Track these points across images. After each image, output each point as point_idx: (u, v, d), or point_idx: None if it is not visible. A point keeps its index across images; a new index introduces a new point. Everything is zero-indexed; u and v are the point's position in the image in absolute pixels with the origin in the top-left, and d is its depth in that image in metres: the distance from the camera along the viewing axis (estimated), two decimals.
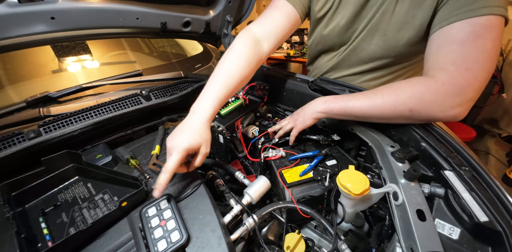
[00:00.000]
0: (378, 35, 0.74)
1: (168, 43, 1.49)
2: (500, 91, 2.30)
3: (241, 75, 0.63)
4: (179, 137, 0.52)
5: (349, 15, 0.75)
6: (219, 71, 0.62)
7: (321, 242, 0.65)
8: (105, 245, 0.45)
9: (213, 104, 0.57)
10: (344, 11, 0.76)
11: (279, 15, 0.73)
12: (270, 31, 0.72)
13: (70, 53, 1.02)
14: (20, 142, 0.58)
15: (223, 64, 0.64)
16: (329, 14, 0.79)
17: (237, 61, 0.64)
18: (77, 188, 0.57)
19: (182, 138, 0.51)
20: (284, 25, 0.73)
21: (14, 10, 0.59)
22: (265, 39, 0.71)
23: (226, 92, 0.59)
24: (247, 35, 0.69)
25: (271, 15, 0.74)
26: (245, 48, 0.66)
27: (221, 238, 0.46)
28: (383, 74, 0.84)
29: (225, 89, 0.59)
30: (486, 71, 0.52)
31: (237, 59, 0.64)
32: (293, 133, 0.74)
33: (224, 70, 0.63)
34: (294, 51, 2.93)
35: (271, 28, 0.72)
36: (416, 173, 0.49)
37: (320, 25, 0.84)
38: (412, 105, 0.55)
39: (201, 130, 0.54)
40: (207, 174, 0.67)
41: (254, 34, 0.70)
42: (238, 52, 0.66)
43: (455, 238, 0.43)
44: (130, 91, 0.84)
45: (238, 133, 0.82)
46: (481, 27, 0.51)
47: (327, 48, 0.90)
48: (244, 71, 0.64)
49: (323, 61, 0.95)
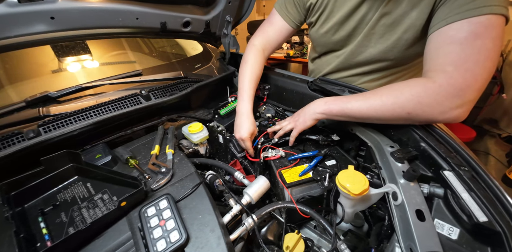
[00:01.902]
0: (376, 37, 0.74)
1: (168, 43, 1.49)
2: (500, 92, 2.31)
3: (257, 76, 0.89)
4: (242, 130, 0.76)
5: (342, 17, 0.75)
6: (245, 77, 0.86)
7: (321, 242, 0.65)
8: (104, 245, 0.45)
9: (249, 102, 0.83)
10: (337, 13, 0.76)
11: (274, 30, 0.91)
12: (269, 43, 0.93)
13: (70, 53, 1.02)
14: (20, 141, 0.58)
15: (246, 71, 0.87)
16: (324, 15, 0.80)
17: (254, 68, 0.88)
18: (76, 188, 0.57)
19: (245, 129, 0.76)
20: (279, 37, 0.92)
21: (14, 10, 0.59)
22: (266, 49, 0.93)
23: (253, 91, 0.85)
24: (253, 48, 0.91)
25: (268, 30, 0.92)
26: (255, 58, 0.89)
27: (220, 238, 0.46)
28: (383, 75, 0.84)
29: (252, 89, 0.85)
30: (486, 71, 0.51)
31: (253, 66, 0.88)
32: (293, 134, 0.74)
33: (247, 76, 0.86)
34: (294, 51, 2.93)
35: (270, 41, 0.93)
36: (416, 173, 0.49)
37: (315, 26, 0.86)
38: (410, 108, 0.55)
39: (250, 121, 0.79)
40: (207, 174, 0.67)
41: (257, 47, 0.92)
42: (252, 61, 0.89)
43: (454, 238, 0.43)
44: (129, 91, 0.84)
45: None
46: (481, 27, 0.50)
47: (326, 50, 0.91)
48: (259, 73, 0.90)
49: (323, 61, 0.95)
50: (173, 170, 0.61)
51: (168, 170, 0.61)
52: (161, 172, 0.60)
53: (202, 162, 0.75)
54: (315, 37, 0.88)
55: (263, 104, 1.02)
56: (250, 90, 0.84)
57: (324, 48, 0.90)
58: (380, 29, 0.72)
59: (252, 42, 0.94)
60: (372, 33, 0.74)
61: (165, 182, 0.58)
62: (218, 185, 0.62)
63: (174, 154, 0.67)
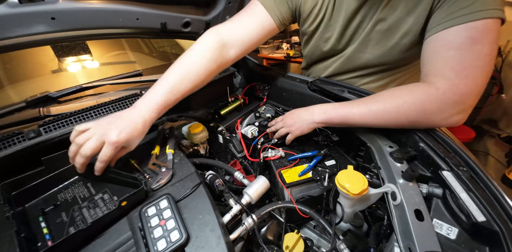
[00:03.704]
0: (372, 44, 0.73)
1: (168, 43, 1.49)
2: (499, 92, 2.31)
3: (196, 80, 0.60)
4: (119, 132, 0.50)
5: (341, 26, 0.74)
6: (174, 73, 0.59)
7: (320, 242, 0.66)
8: (104, 245, 0.45)
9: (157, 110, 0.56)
10: (336, 23, 0.75)
11: (253, 22, 0.68)
12: (240, 38, 0.67)
13: (70, 53, 1.02)
14: (20, 141, 0.58)
15: (180, 65, 0.60)
16: (322, 26, 0.78)
17: (196, 66, 0.60)
18: (77, 187, 0.57)
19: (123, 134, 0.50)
20: (256, 34, 0.69)
21: (15, 10, 0.60)
22: (232, 45, 0.67)
23: (174, 97, 0.58)
24: (213, 37, 0.65)
25: (244, 21, 0.69)
26: (207, 52, 0.63)
27: (220, 237, 0.46)
28: (382, 77, 0.84)
29: (174, 95, 0.57)
30: (485, 76, 0.51)
31: (197, 63, 0.61)
32: (289, 138, 0.75)
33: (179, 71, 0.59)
34: (294, 51, 2.92)
35: (241, 35, 0.68)
36: (414, 173, 0.49)
37: (313, 37, 0.83)
38: (414, 116, 0.55)
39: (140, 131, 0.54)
40: (207, 174, 0.68)
41: (221, 37, 0.66)
42: (199, 55, 0.62)
43: (453, 238, 0.43)
44: (130, 91, 0.84)
45: (237, 133, 0.83)
46: (478, 32, 0.50)
47: (322, 57, 0.89)
48: (200, 76, 0.61)
49: (319, 67, 0.94)
50: (173, 170, 0.62)
51: (168, 170, 0.61)
52: (161, 172, 0.60)
53: (202, 162, 0.75)
54: (313, 46, 0.86)
55: (263, 104, 1.02)
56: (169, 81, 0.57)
57: (322, 54, 0.88)
58: (376, 36, 0.71)
59: (216, 27, 0.68)
60: (368, 39, 0.73)
61: (165, 182, 0.58)
62: (218, 185, 0.62)
63: (174, 154, 0.68)
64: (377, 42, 0.72)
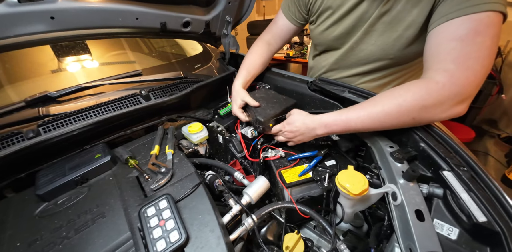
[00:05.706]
0: (376, 35, 0.74)
1: (168, 43, 1.49)
2: (499, 92, 2.31)
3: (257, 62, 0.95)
4: (233, 106, 0.83)
5: (342, 16, 0.76)
6: (245, 62, 0.94)
7: (320, 242, 0.65)
8: (103, 245, 0.45)
9: (240, 79, 0.88)
10: (340, 12, 0.76)
11: (278, 28, 0.97)
12: (273, 38, 0.98)
13: (70, 53, 1.02)
14: (19, 141, 0.58)
15: (247, 58, 0.96)
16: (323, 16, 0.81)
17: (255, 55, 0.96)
18: None
19: (235, 106, 0.82)
20: (282, 34, 0.98)
21: (14, 9, 0.59)
22: (271, 43, 0.99)
23: (247, 72, 0.91)
24: (259, 41, 0.99)
25: (272, 28, 0.99)
26: (259, 48, 0.97)
27: (220, 238, 0.46)
28: (383, 75, 0.84)
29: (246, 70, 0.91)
30: (485, 68, 0.52)
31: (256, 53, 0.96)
32: (289, 144, 0.77)
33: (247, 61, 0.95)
34: (294, 51, 2.93)
35: (274, 36, 0.99)
36: (415, 174, 0.49)
37: (315, 26, 0.86)
38: (415, 113, 0.55)
39: (240, 95, 0.83)
40: (207, 174, 0.67)
41: (263, 40, 0.99)
42: (255, 49, 0.97)
43: (454, 238, 0.43)
44: (129, 91, 0.84)
45: (237, 133, 0.82)
46: (481, 24, 0.51)
47: (326, 48, 0.91)
48: (259, 60, 0.96)
49: (322, 59, 0.96)
50: (173, 170, 0.61)
51: (168, 170, 0.61)
52: (160, 172, 0.60)
53: (202, 162, 0.75)
54: (315, 35, 0.89)
55: None
56: (244, 70, 0.91)
57: (323, 45, 0.90)
58: (381, 27, 0.72)
59: (260, 36, 1.02)
60: (372, 30, 0.74)
61: (165, 182, 0.58)
62: (218, 185, 0.62)
63: (174, 154, 0.67)
64: (381, 34, 0.73)
